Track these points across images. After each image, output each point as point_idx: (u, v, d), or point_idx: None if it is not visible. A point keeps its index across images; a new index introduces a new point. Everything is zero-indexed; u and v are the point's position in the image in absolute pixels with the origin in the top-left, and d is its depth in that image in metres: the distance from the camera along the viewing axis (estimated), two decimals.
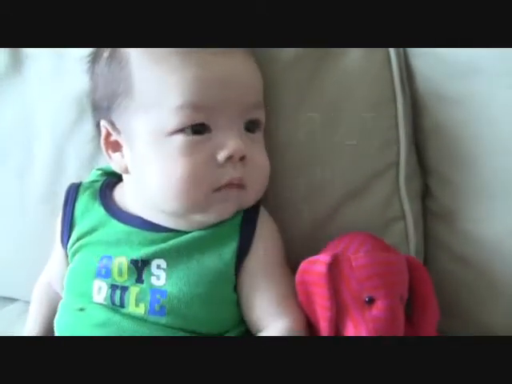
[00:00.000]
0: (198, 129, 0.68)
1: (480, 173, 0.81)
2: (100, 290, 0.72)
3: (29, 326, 0.84)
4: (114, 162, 0.74)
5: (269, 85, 0.76)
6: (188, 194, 0.69)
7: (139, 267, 0.71)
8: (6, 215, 0.92)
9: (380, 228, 0.82)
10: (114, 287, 0.71)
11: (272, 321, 0.71)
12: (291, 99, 0.80)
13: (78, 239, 0.76)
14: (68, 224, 0.77)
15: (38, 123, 0.89)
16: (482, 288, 0.82)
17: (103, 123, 0.74)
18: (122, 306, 0.71)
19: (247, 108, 0.71)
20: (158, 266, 0.71)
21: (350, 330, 0.68)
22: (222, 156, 0.68)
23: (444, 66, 0.80)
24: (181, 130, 0.68)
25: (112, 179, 0.80)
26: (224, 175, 0.69)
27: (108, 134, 0.74)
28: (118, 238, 0.73)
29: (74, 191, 0.79)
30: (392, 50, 0.82)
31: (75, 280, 0.75)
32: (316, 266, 0.69)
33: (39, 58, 0.89)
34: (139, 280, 0.71)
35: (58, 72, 0.88)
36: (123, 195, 0.77)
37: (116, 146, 0.74)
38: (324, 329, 0.68)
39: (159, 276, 0.71)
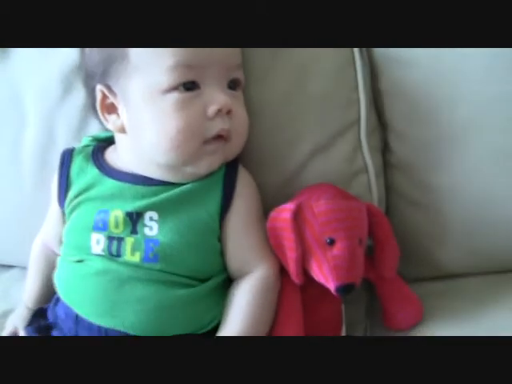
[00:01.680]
0: (189, 86, 0.76)
1: (432, 127, 0.89)
2: (98, 242, 0.79)
3: (28, 284, 0.92)
4: (110, 123, 0.81)
5: (244, 50, 0.84)
6: (183, 146, 0.76)
7: (134, 219, 0.78)
8: (2, 186, 0.98)
9: (345, 180, 0.90)
10: (111, 239, 0.78)
11: (250, 268, 0.79)
12: (263, 63, 0.87)
13: (75, 197, 0.82)
14: (64, 185, 0.84)
15: (28, 100, 0.94)
16: (437, 230, 0.92)
17: (99, 87, 0.80)
18: (119, 255, 0.77)
19: (230, 68, 0.79)
20: (151, 218, 0.78)
21: (315, 268, 0.76)
22: (212, 110, 0.76)
23: None
24: (174, 88, 0.75)
25: (102, 144, 0.87)
26: (214, 127, 0.77)
27: (104, 98, 0.80)
28: (112, 193, 0.80)
29: (68, 155, 0.86)
30: None
31: (74, 234, 0.82)
32: (283, 213, 0.77)
33: None
34: (134, 231, 0.78)
35: (43, 51, 0.93)
36: (115, 155, 0.84)
37: (111, 108, 0.80)
38: (292, 268, 0.77)
39: (152, 227, 0.78)
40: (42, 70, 0.94)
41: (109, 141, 0.87)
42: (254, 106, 0.85)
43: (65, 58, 0.92)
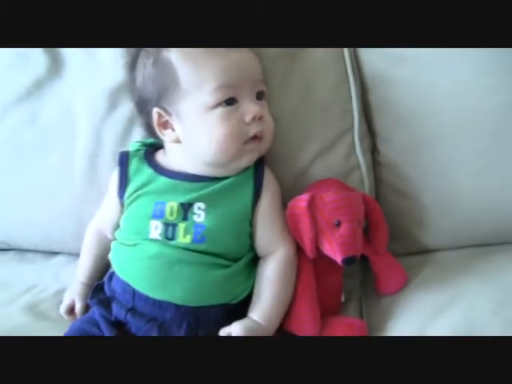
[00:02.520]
0: (229, 102, 0.95)
1: (412, 133, 1.09)
2: (156, 228, 0.97)
3: (82, 262, 1.11)
4: (167, 137, 1.00)
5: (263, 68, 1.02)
6: (229, 147, 0.96)
7: (185, 208, 0.97)
8: (56, 184, 1.15)
9: (343, 176, 1.10)
10: (166, 225, 0.96)
11: (275, 248, 0.99)
12: (278, 80, 1.07)
13: (134, 191, 1.00)
14: (124, 181, 1.02)
15: (78, 112, 1.12)
16: (417, 214, 1.13)
17: (156, 110, 0.98)
18: (173, 238, 0.96)
19: (257, 83, 0.99)
20: (199, 208, 0.97)
21: (326, 245, 0.97)
22: (248, 117, 0.95)
23: (383, 57, 1.09)
24: (219, 104, 0.95)
25: (149, 148, 1.06)
26: (251, 130, 0.96)
27: (160, 117, 0.99)
28: (166, 188, 0.99)
29: (125, 157, 1.04)
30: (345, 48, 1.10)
31: (133, 221, 1.00)
32: (299, 202, 0.98)
33: (74, 61, 1.11)
34: (185, 218, 0.96)
35: (91, 72, 1.11)
36: (166, 158, 1.03)
37: (166, 125, 0.99)
38: (307, 246, 0.97)
39: (199, 215, 0.97)
40: (91, 88, 1.11)
41: (154, 146, 1.06)
42: (271, 115, 1.02)
43: (110, 77, 1.10)
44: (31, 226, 1.21)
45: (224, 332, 0.94)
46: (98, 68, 1.11)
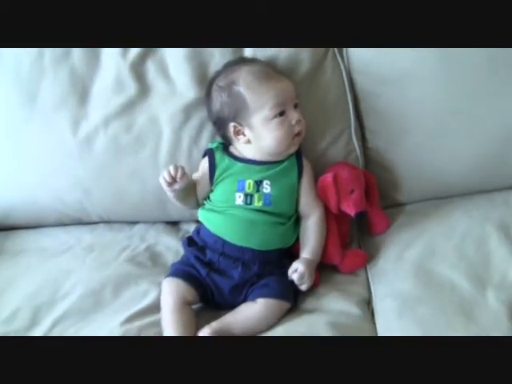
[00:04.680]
0: (281, 113, 1.43)
1: (389, 127, 1.61)
2: (240, 197, 1.45)
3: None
4: (241, 140, 1.47)
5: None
6: (284, 142, 1.45)
7: (258, 184, 1.45)
8: (145, 173, 1.57)
9: (344, 157, 1.61)
10: (246, 195, 1.44)
11: (311, 209, 1.50)
12: (302, 96, 1.50)
13: (221, 174, 1.47)
14: (213, 167, 1.48)
15: (162, 123, 1.55)
16: (395, 180, 1.65)
17: (232, 124, 1.45)
18: (251, 203, 1.44)
19: (294, 98, 1.46)
20: (266, 183, 1.45)
21: (345, 205, 1.50)
22: (294, 121, 1.43)
23: (370, 79, 1.59)
24: (275, 116, 1.42)
25: (223, 145, 1.52)
26: (296, 129, 1.44)
27: (235, 128, 1.46)
28: (243, 170, 1.47)
29: (211, 151, 1.50)
30: (343, 71, 1.60)
31: (223, 194, 1.46)
32: (327, 178, 1.50)
33: (158, 86, 1.55)
34: (258, 190, 1.45)
35: (171, 93, 1.55)
36: (237, 151, 1.49)
37: (239, 132, 1.46)
38: (333, 206, 1.50)
39: (267, 188, 1.45)
40: (171, 105, 1.56)
41: (224, 144, 1.54)
42: None
43: (185, 96, 1.55)
44: (124, 201, 1.65)
45: (292, 269, 1.43)
46: (175, 90, 1.57)
